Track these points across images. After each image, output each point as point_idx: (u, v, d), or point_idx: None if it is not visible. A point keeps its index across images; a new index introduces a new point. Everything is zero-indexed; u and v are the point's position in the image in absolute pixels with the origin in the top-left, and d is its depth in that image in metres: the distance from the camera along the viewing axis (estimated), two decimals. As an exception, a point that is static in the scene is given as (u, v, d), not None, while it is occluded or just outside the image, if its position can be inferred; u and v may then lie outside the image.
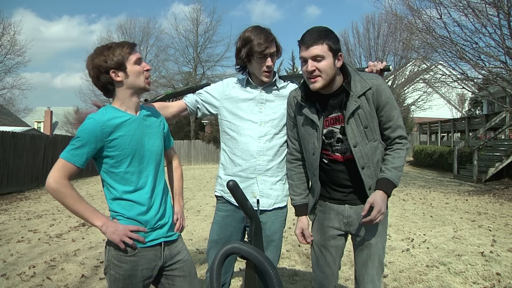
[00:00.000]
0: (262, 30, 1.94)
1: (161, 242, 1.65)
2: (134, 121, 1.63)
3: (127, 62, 1.60)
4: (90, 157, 1.55)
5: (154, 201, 1.65)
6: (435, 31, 10.10)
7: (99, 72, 1.59)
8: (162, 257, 1.66)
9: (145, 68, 1.66)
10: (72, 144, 1.52)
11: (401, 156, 1.76)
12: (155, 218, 1.64)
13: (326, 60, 1.64)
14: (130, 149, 1.59)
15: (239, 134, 2.00)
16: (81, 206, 1.51)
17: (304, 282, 3.43)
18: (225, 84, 2.10)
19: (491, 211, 6.78)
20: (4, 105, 23.50)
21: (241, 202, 1.71)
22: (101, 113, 1.58)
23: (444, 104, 24.85)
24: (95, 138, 1.51)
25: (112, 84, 1.62)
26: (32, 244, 4.98)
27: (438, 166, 14.63)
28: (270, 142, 1.99)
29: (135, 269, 1.58)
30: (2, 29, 18.25)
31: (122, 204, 1.60)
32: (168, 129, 1.84)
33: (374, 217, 1.64)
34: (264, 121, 2.00)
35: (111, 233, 1.52)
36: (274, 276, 1.36)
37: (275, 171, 2.00)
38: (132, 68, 1.61)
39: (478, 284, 3.32)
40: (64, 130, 33.69)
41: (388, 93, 1.74)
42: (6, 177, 10.23)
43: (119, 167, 1.58)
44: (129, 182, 1.60)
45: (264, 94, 2.02)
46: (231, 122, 2.03)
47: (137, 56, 1.63)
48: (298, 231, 1.91)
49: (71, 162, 1.51)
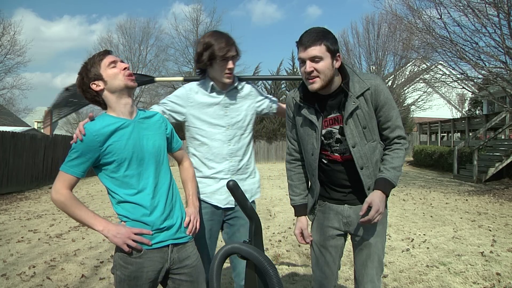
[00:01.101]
0: (222, 34, 2.03)
1: (168, 244, 1.64)
2: (129, 125, 1.64)
3: (101, 69, 1.63)
4: (88, 166, 1.59)
5: (158, 202, 1.64)
6: (435, 31, 10.10)
7: (83, 89, 1.67)
8: (169, 260, 1.64)
9: (121, 67, 1.65)
10: (69, 156, 1.57)
11: (400, 156, 1.77)
12: (160, 218, 1.62)
13: (324, 61, 1.64)
14: (126, 153, 1.60)
15: (210, 139, 2.06)
16: (82, 213, 1.56)
17: (304, 282, 3.43)
18: (187, 90, 2.10)
19: (491, 211, 6.78)
20: (4, 105, 23.50)
21: (241, 202, 1.71)
22: (93, 123, 1.61)
23: (444, 104, 24.87)
24: (89, 148, 1.55)
25: (99, 96, 1.66)
26: (32, 244, 4.99)
27: (438, 166, 14.63)
28: (238, 143, 2.10)
29: (141, 270, 1.57)
30: (2, 29, 18.28)
31: (126, 207, 1.61)
32: (172, 130, 1.83)
33: (372, 217, 1.64)
34: (230, 124, 2.09)
35: (113, 237, 1.54)
36: (274, 276, 1.36)
37: (245, 168, 2.13)
38: (107, 73, 1.63)
39: (478, 284, 3.32)
40: (64, 130, 33.70)
41: (387, 93, 1.74)
42: (6, 177, 10.23)
43: (118, 172, 1.60)
44: (129, 185, 1.61)
45: (228, 98, 2.10)
46: (199, 128, 2.07)
47: (109, 59, 1.65)
48: (297, 231, 1.91)
49: (69, 174, 1.57)
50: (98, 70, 1.63)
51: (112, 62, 1.64)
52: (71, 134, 30.99)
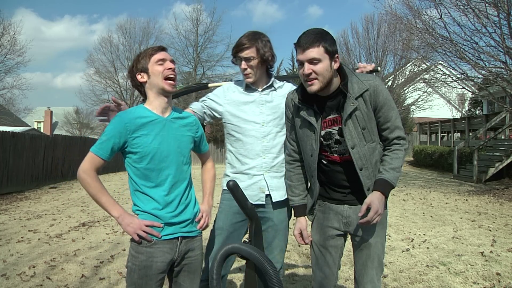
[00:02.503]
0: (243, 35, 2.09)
1: (178, 237, 1.70)
2: (160, 122, 1.71)
3: (149, 63, 1.70)
4: (116, 151, 1.67)
5: (173, 200, 1.71)
6: (435, 31, 10.10)
7: (131, 76, 1.76)
8: (177, 251, 1.70)
9: (167, 67, 1.70)
10: (100, 138, 1.67)
11: (399, 157, 1.76)
12: (171, 214, 1.69)
13: (322, 62, 1.64)
14: (151, 148, 1.66)
15: (244, 135, 2.11)
16: (103, 197, 1.63)
17: (304, 282, 3.43)
18: (225, 89, 2.21)
19: (491, 211, 6.78)
20: (4, 105, 23.50)
21: (241, 202, 1.71)
22: (129, 111, 1.71)
23: (444, 104, 24.86)
24: (118, 133, 1.64)
25: (142, 86, 1.75)
26: (32, 244, 4.98)
27: (438, 166, 14.64)
28: (274, 140, 2.11)
29: (151, 260, 1.64)
30: (2, 29, 18.27)
31: (140, 197, 1.69)
32: (202, 134, 1.90)
33: (371, 218, 1.64)
34: (266, 121, 2.10)
35: (126, 225, 1.62)
36: (274, 276, 1.36)
37: (280, 167, 2.12)
38: (153, 68, 1.70)
39: (478, 284, 3.32)
40: (64, 130, 33.71)
41: (386, 94, 1.73)
42: (6, 177, 10.23)
43: (140, 163, 1.67)
44: (148, 178, 1.68)
45: (264, 96, 2.14)
46: (235, 125, 2.13)
47: (160, 56, 1.71)
48: (297, 232, 1.91)
49: (97, 155, 1.64)
50: (146, 63, 1.70)
51: (161, 60, 1.70)
52: (71, 134, 31.00)
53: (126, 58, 28.07)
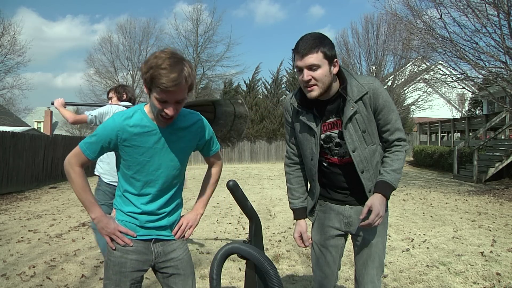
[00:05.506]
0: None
1: (152, 239, 1.68)
2: (156, 134, 1.58)
3: (153, 91, 1.46)
4: (103, 153, 1.62)
5: (152, 210, 1.65)
6: (435, 31, 10.11)
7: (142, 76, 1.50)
8: (154, 253, 1.68)
9: (165, 110, 1.48)
10: (90, 136, 1.60)
11: (400, 158, 1.76)
12: (147, 218, 1.66)
13: (322, 68, 1.61)
14: (141, 160, 1.59)
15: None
16: (84, 196, 1.61)
17: (304, 282, 3.43)
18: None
19: (491, 211, 6.78)
20: (4, 105, 23.51)
21: (241, 202, 1.71)
22: (126, 115, 1.57)
23: (444, 104, 24.88)
24: (109, 139, 1.56)
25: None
26: (32, 244, 4.98)
27: (438, 166, 14.63)
28: None
29: (125, 257, 1.64)
30: (2, 29, 18.27)
31: (122, 198, 1.68)
32: (208, 138, 1.73)
33: (372, 220, 1.64)
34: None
35: (101, 228, 1.63)
36: (274, 276, 1.36)
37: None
38: (154, 99, 1.47)
39: (478, 284, 3.32)
40: (64, 130, 33.67)
41: (386, 96, 1.72)
42: (6, 177, 10.22)
43: (128, 170, 1.63)
44: (133, 185, 1.65)
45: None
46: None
47: (163, 96, 1.45)
48: (297, 234, 1.91)
49: (83, 153, 1.59)
50: (153, 85, 1.44)
51: (164, 102, 1.46)
52: (71, 134, 30.97)
53: (126, 58, 28.03)
